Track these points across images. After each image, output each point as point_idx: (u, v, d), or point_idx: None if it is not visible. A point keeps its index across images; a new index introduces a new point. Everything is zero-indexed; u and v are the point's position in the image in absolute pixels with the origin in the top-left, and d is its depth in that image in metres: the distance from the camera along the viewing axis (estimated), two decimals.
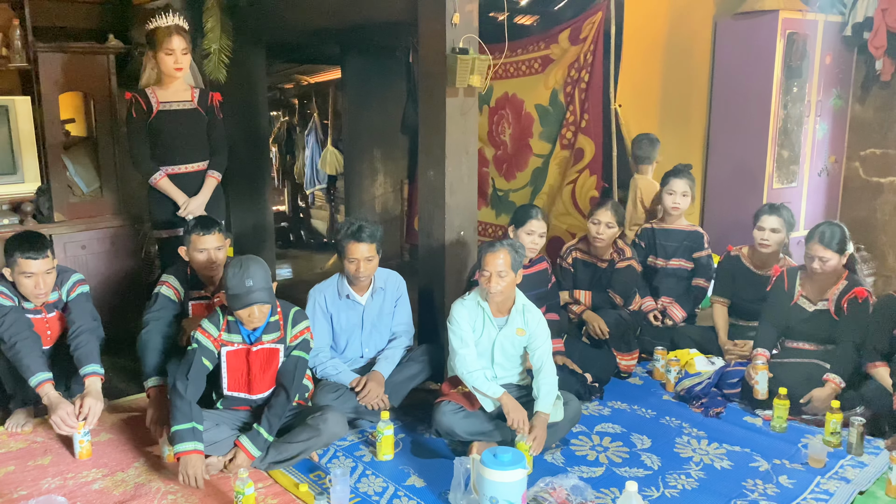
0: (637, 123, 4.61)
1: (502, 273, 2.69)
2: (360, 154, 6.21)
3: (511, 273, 2.72)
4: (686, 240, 3.90)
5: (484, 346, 2.82)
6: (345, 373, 3.01)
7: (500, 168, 5.12)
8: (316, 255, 7.38)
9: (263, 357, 2.62)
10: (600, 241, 3.57)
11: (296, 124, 8.44)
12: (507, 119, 4.96)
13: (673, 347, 3.70)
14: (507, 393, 2.70)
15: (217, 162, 3.50)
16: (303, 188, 8.11)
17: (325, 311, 3.06)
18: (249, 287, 2.44)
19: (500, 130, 5.04)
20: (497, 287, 2.70)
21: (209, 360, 2.58)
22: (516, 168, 5.08)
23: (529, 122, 4.82)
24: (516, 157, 4.98)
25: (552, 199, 4.67)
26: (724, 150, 4.77)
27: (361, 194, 6.27)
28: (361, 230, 2.91)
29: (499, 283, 2.69)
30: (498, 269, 2.69)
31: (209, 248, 2.90)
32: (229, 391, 2.65)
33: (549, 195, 4.73)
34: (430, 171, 3.37)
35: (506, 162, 5.06)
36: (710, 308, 3.85)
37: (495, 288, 2.69)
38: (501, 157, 5.08)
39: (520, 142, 4.94)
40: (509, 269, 2.71)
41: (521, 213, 3.33)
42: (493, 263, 2.70)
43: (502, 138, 5.05)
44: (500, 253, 2.70)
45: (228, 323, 2.60)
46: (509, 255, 2.71)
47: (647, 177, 4.38)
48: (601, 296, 3.62)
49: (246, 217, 5.29)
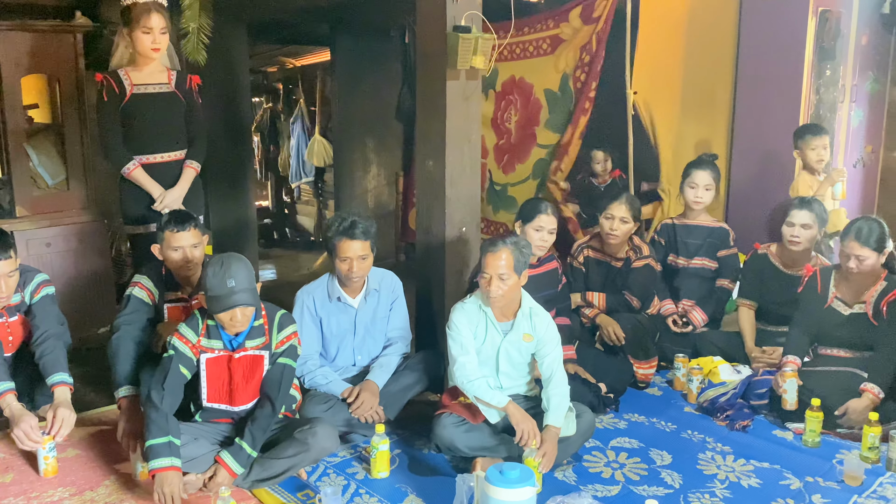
0: (656, 111, 4.61)
1: (503, 276, 2.68)
2: (350, 143, 6.22)
3: (514, 276, 2.70)
4: (709, 237, 3.90)
5: (487, 353, 2.82)
6: (336, 382, 3.00)
7: (500, 159, 5.11)
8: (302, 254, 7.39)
9: (246, 365, 2.62)
10: (614, 238, 3.57)
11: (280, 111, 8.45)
12: (516, 105, 4.96)
13: (695, 355, 3.70)
14: (512, 402, 2.70)
15: (196, 151, 3.49)
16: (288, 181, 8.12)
17: (314, 315, 3.06)
18: (231, 288, 2.44)
19: (507, 117, 5.04)
20: (497, 291, 2.69)
21: (187, 369, 2.58)
22: (517, 159, 5.08)
23: (537, 108, 4.82)
24: (519, 146, 4.98)
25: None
26: (751, 138, 4.77)
27: (353, 188, 6.28)
28: (354, 226, 2.91)
29: (499, 288, 2.68)
30: (499, 270, 2.68)
31: (185, 245, 2.90)
32: (209, 402, 2.65)
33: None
34: (428, 161, 3.37)
35: (507, 152, 5.05)
36: (735, 312, 3.86)
37: (494, 292, 2.68)
38: (504, 146, 5.08)
39: (525, 130, 4.94)
40: (511, 272, 2.69)
41: (528, 208, 3.33)
42: (493, 265, 2.69)
43: (507, 126, 5.05)
44: (501, 253, 2.69)
45: (208, 327, 2.60)
46: (512, 256, 2.70)
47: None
48: (616, 298, 3.62)
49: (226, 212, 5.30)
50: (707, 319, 3.86)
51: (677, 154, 4.68)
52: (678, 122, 4.54)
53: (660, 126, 4.70)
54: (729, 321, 4.04)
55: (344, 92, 6.14)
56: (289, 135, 8.04)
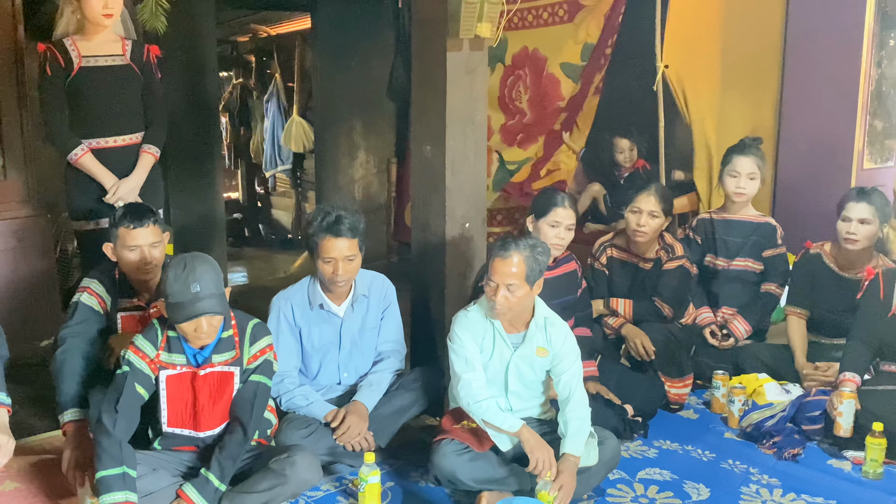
0: (690, 86, 4.61)
1: (512, 286, 2.67)
2: (335, 126, 6.22)
3: (524, 286, 2.70)
4: (754, 234, 3.90)
5: (495, 369, 2.82)
6: (318, 403, 3.00)
7: (513, 138, 5.13)
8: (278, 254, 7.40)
9: (213, 383, 2.62)
10: (642, 236, 3.57)
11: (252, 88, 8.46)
12: (525, 81, 4.97)
13: (737, 372, 3.70)
14: (526, 426, 2.70)
15: (154, 134, 3.49)
16: (261, 169, 8.12)
17: (293, 325, 3.06)
18: (196, 293, 2.43)
19: (515, 95, 5.05)
20: (503, 304, 2.68)
21: (144, 388, 2.57)
22: (530, 141, 5.09)
23: (554, 85, 4.82)
24: (536, 126, 4.98)
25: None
26: (802, 120, 4.76)
27: (337, 177, 6.28)
28: (340, 222, 2.91)
29: (505, 300, 2.68)
30: (507, 279, 2.67)
31: (142, 244, 2.89)
32: (170, 427, 2.64)
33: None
34: (425, 145, 3.37)
35: (521, 132, 5.06)
36: (783, 321, 3.86)
37: (500, 304, 2.68)
38: (514, 127, 5.09)
39: (542, 109, 4.94)
40: (522, 282, 2.69)
41: (542, 200, 3.32)
42: (501, 272, 2.67)
43: (517, 105, 5.06)
44: (512, 258, 2.68)
45: (169, 340, 2.59)
46: (525, 264, 2.68)
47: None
48: (645, 305, 3.62)
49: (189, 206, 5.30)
50: (751, 330, 3.86)
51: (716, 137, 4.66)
52: (718, 100, 4.53)
53: (695, 104, 4.70)
54: (776, 332, 4.03)
55: (327, 65, 6.13)
56: (262, 115, 8.04)
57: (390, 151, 6.41)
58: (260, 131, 8.12)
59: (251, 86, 8.50)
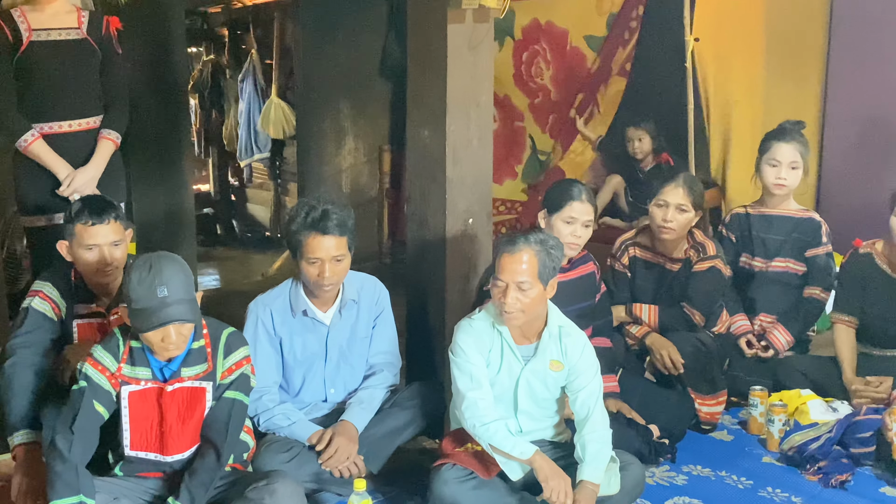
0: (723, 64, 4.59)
1: (524, 284, 2.67)
2: (319, 108, 6.22)
3: (537, 285, 2.70)
4: (795, 231, 3.90)
5: (503, 386, 2.82)
6: (301, 424, 3.00)
7: (544, 121, 5.15)
8: (255, 254, 7.39)
9: (183, 400, 2.61)
10: (669, 233, 3.56)
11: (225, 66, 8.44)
12: (545, 56, 4.99)
13: (777, 387, 3.70)
14: (539, 452, 2.70)
15: (114, 118, 3.49)
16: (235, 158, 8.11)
17: (273, 335, 3.06)
18: (163, 298, 2.43)
19: (535, 72, 5.07)
20: (513, 306, 2.68)
21: (103, 406, 2.56)
22: (561, 122, 5.11)
23: (580, 59, 4.84)
24: (564, 106, 5.00)
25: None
26: (850, 100, 4.77)
27: (321, 167, 6.28)
28: (327, 217, 2.90)
29: (516, 301, 2.68)
30: (517, 277, 2.67)
31: (102, 243, 2.89)
32: (133, 450, 2.64)
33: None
34: (423, 130, 3.38)
35: (553, 112, 5.08)
36: (830, 330, 3.86)
37: (510, 306, 2.68)
38: (543, 105, 5.11)
39: (570, 87, 4.95)
40: (535, 280, 2.69)
41: (556, 193, 3.31)
42: (510, 269, 2.68)
43: (539, 81, 5.10)
44: (522, 254, 2.68)
45: (132, 351, 2.58)
46: (537, 259, 2.69)
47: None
48: (672, 312, 3.62)
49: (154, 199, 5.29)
50: (792, 341, 3.86)
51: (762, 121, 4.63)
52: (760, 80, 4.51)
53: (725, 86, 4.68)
54: (821, 343, 4.04)
55: (310, 40, 6.13)
56: (237, 97, 8.02)
57: (382, 138, 6.41)
58: (234, 115, 8.09)
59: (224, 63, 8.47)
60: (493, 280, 2.74)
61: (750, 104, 4.76)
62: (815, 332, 4.05)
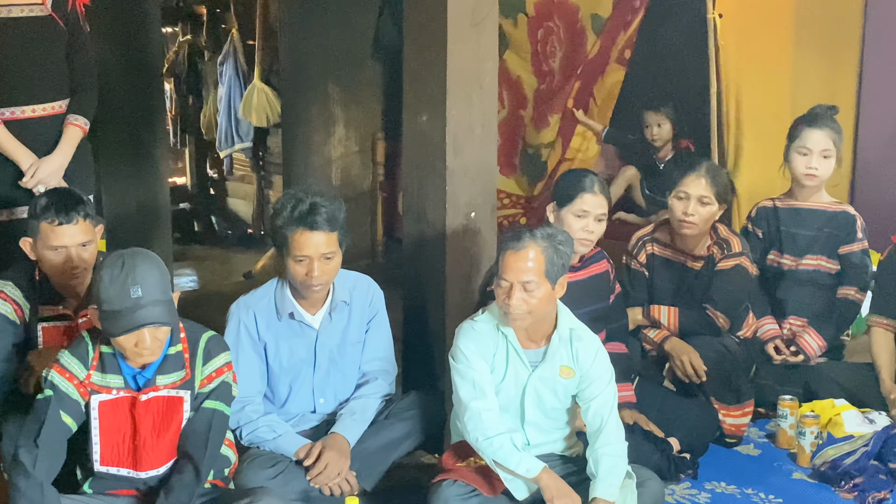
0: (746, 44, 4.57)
1: (529, 284, 2.68)
2: (306, 93, 6.21)
3: (544, 285, 2.70)
4: (828, 225, 3.90)
5: (509, 394, 2.82)
6: (287, 436, 3.00)
7: (536, 111, 5.13)
8: (236, 253, 7.40)
9: (158, 411, 2.61)
10: (690, 227, 3.57)
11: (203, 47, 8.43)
12: (558, 35, 4.96)
13: (809, 397, 3.70)
14: (547, 469, 2.70)
15: (82, 103, 3.49)
16: (215, 148, 8.11)
17: (256, 340, 3.06)
18: (137, 299, 2.42)
19: (550, 51, 5.04)
20: (519, 307, 2.68)
21: (71, 417, 2.56)
22: (549, 111, 5.08)
23: (582, 39, 4.81)
24: (557, 94, 4.98)
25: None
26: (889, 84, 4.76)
27: (309, 157, 6.27)
28: (315, 211, 2.90)
29: (522, 302, 2.68)
30: (523, 276, 2.67)
31: (70, 244, 2.88)
32: (104, 465, 2.63)
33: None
34: (420, 115, 3.37)
35: (545, 102, 5.06)
36: (866, 334, 3.86)
37: (515, 308, 2.68)
38: (544, 94, 5.09)
39: (569, 72, 4.94)
40: (542, 279, 2.69)
41: (566, 183, 3.32)
42: (514, 267, 2.68)
43: (551, 64, 5.06)
44: (527, 251, 2.69)
45: (102, 357, 2.58)
46: (543, 256, 2.70)
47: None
48: (693, 314, 3.62)
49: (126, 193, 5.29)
50: (825, 346, 3.87)
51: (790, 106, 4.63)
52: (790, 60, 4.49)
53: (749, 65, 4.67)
54: (857, 348, 4.04)
55: (297, 18, 6.12)
56: (216, 81, 8.02)
57: (376, 125, 6.40)
58: (213, 101, 8.09)
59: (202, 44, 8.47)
60: (497, 279, 2.74)
61: (775, 88, 4.74)
62: (849, 336, 4.07)
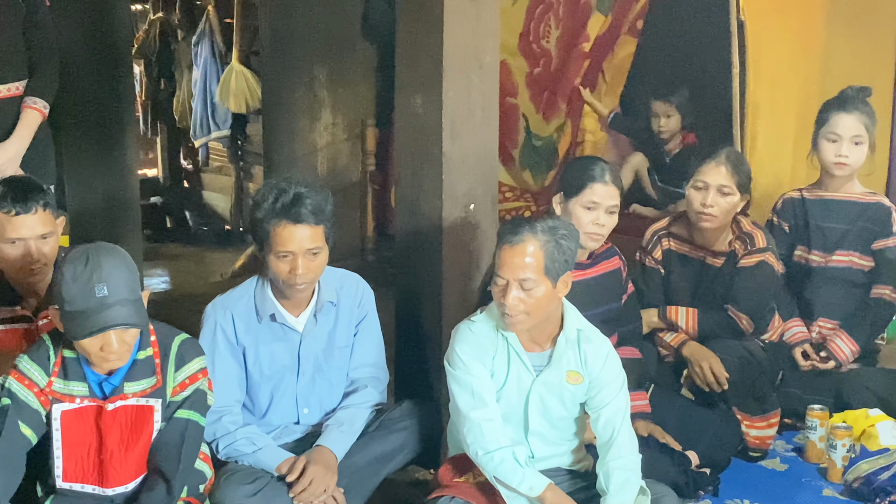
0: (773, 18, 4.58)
1: (527, 282, 2.68)
2: (289, 76, 6.21)
3: (544, 283, 2.70)
4: (861, 218, 3.92)
5: (511, 402, 2.82)
6: (268, 450, 2.99)
7: (539, 98, 5.12)
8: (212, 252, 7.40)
9: (126, 421, 2.62)
10: (710, 220, 3.58)
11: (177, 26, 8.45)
12: (557, 13, 4.95)
13: (840, 407, 3.71)
14: (552, 486, 2.70)
15: (41, 84, 3.51)
16: (189, 136, 8.12)
17: (234, 344, 3.06)
18: (102, 299, 2.43)
19: (545, 32, 5.03)
20: (516, 307, 2.68)
21: (31, 428, 2.57)
22: (553, 109, 5.09)
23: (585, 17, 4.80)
24: (567, 77, 4.98)
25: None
26: None
27: (293, 146, 6.27)
28: (299, 202, 2.90)
29: (518, 302, 2.68)
30: (519, 273, 2.67)
31: (28, 236, 2.90)
32: (66, 482, 2.64)
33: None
34: (415, 98, 3.38)
35: (548, 87, 5.05)
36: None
37: (512, 307, 2.68)
38: (542, 77, 5.07)
39: (573, 52, 4.94)
40: (541, 277, 2.69)
41: (573, 173, 3.33)
42: (510, 263, 2.68)
43: (544, 45, 5.05)
44: (525, 245, 2.69)
45: (65, 362, 2.59)
46: (542, 252, 2.69)
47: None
48: (714, 316, 3.64)
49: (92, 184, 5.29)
50: (858, 351, 3.87)
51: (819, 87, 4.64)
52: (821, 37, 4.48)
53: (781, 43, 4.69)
54: (893, 353, 4.05)
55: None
56: (190, 63, 8.04)
57: (366, 110, 6.40)
58: (187, 85, 8.11)
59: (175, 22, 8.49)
60: (494, 277, 2.74)
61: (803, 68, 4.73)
62: (884, 340, 4.07)
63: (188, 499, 2.77)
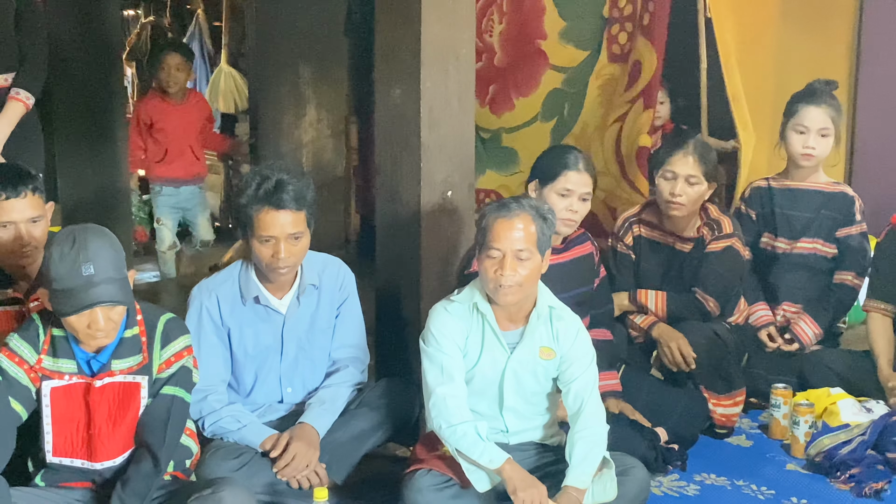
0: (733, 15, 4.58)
1: (522, 253, 2.69)
2: (276, 75, 6.19)
3: (536, 255, 2.72)
4: (825, 207, 3.93)
5: (486, 378, 2.83)
6: (253, 427, 3.01)
7: (484, 92, 4.99)
8: None
9: (114, 397, 2.61)
10: (679, 208, 3.59)
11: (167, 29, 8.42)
12: (500, 7, 4.87)
13: (803, 386, 3.72)
14: (511, 460, 2.70)
15: (28, 76, 3.49)
16: None
17: (220, 325, 3.07)
18: (89, 277, 2.42)
19: (487, 26, 4.95)
20: (512, 278, 2.68)
21: (21, 404, 2.56)
22: (516, 91, 4.99)
23: (539, 10, 4.71)
24: (516, 71, 4.88)
25: (587, 146, 4.65)
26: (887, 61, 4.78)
27: (279, 141, 6.26)
28: (281, 188, 2.90)
29: (515, 273, 2.68)
30: (516, 244, 2.68)
31: (18, 219, 2.89)
32: (56, 456, 2.64)
33: (584, 139, 4.72)
34: (393, 89, 3.38)
35: (495, 81, 4.97)
36: (863, 324, 3.88)
37: (509, 279, 2.68)
38: (485, 71, 4.94)
39: (520, 46, 4.83)
40: (534, 249, 2.71)
41: (549, 161, 3.34)
42: (506, 237, 2.69)
43: (487, 39, 4.96)
44: (519, 219, 2.70)
45: (54, 340, 2.58)
46: (534, 224, 2.71)
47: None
48: (683, 299, 3.65)
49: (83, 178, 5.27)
50: (821, 333, 3.90)
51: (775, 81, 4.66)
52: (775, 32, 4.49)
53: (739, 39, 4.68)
54: (854, 336, 4.07)
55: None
56: None
57: (349, 107, 6.39)
58: None
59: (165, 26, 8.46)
60: (485, 252, 2.72)
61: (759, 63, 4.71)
62: (846, 323, 4.09)
63: (175, 473, 2.77)
